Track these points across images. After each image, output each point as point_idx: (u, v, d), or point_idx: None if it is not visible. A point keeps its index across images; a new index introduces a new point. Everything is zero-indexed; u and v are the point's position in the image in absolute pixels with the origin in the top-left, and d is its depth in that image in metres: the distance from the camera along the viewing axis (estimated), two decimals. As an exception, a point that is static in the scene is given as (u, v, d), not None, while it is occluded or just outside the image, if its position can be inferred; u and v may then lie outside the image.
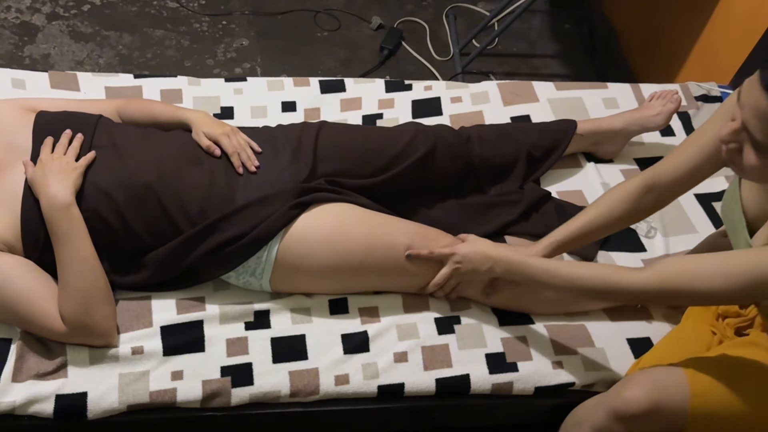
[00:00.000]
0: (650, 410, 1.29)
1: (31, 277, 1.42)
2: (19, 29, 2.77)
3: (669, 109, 1.94)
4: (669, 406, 1.30)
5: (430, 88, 2.11)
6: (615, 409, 1.32)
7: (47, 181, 1.44)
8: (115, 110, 1.70)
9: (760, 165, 1.15)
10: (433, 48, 3.02)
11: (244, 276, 1.55)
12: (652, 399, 1.29)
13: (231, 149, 1.59)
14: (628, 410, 1.30)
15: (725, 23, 2.42)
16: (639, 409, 1.29)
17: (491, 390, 1.54)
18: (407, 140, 1.72)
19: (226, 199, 1.53)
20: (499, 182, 1.84)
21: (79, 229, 1.44)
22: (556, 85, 2.15)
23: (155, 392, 1.44)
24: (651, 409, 1.29)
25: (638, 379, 1.35)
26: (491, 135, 1.84)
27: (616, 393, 1.35)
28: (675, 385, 1.31)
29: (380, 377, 1.52)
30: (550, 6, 3.30)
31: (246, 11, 3.02)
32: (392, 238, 1.56)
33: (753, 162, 1.15)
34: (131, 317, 1.51)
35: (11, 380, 1.40)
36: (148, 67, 2.72)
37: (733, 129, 1.16)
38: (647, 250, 1.80)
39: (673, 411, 1.30)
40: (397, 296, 1.62)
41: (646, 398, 1.30)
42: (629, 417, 1.30)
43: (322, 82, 2.09)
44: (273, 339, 1.53)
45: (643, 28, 2.91)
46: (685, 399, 1.30)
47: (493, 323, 1.61)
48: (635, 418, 1.30)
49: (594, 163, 1.96)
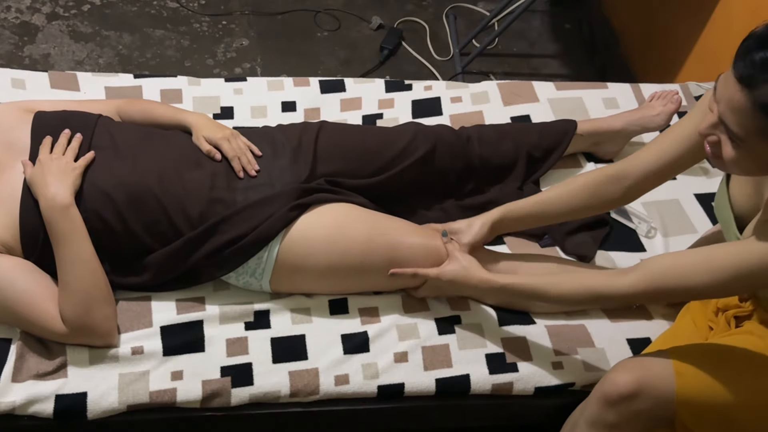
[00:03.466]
0: (636, 390, 1.31)
1: (31, 278, 1.42)
2: (19, 29, 2.77)
3: (669, 110, 1.94)
4: (655, 384, 1.32)
5: (430, 88, 2.11)
6: (604, 394, 1.34)
7: (46, 181, 1.44)
8: (115, 111, 1.70)
9: (737, 157, 1.17)
10: (433, 48, 3.02)
11: (244, 276, 1.55)
12: (638, 378, 1.32)
13: (231, 153, 1.59)
14: (616, 391, 1.32)
15: (725, 23, 2.42)
16: (626, 389, 1.31)
17: (491, 390, 1.54)
18: (407, 140, 1.72)
19: (226, 201, 1.53)
20: (499, 182, 1.84)
21: (78, 230, 1.43)
22: (556, 85, 2.15)
23: (155, 392, 1.44)
24: (637, 388, 1.31)
25: (624, 364, 1.38)
26: (491, 135, 1.84)
27: (604, 380, 1.38)
28: (660, 367, 1.34)
29: (380, 377, 1.52)
30: (550, 6, 3.29)
31: (246, 11, 3.02)
32: (392, 237, 1.56)
33: (731, 155, 1.17)
34: (131, 317, 1.51)
35: (11, 380, 1.40)
36: (148, 67, 2.72)
37: (710, 123, 1.18)
38: (647, 250, 1.80)
39: (659, 390, 1.32)
40: (397, 296, 1.62)
41: (632, 379, 1.32)
42: (618, 399, 1.32)
43: (322, 82, 2.09)
44: (273, 339, 1.53)
45: (643, 28, 2.91)
46: (669, 377, 1.32)
47: (493, 323, 1.61)
48: (624, 400, 1.32)
49: (594, 163, 1.96)
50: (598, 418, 1.36)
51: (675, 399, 1.32)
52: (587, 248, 1.75)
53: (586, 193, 1.53)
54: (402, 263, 1.54)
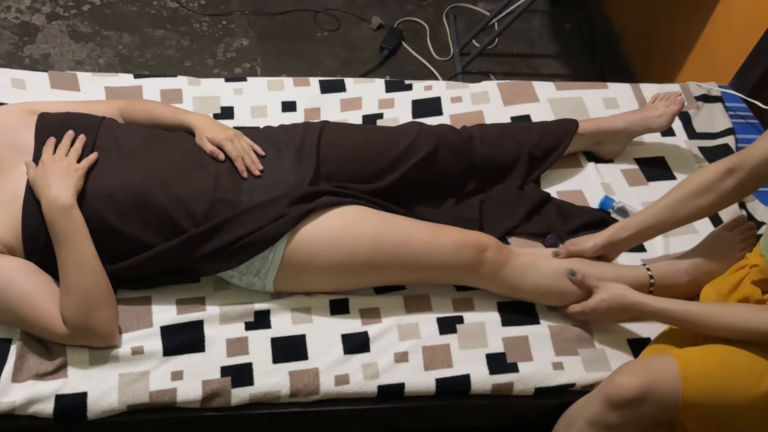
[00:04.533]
0: (642, 394, 1.31)
1: (32, 279, 1.42)
2: (19, 29, 2.77)
3: (672, 111, 1.94)
4: (660, 390, 1.32)
5: (430, 88, 2.11)
6: (608, 396, 1.34)
7: (48, 182, 1.43)
8: (117, 111, 1.69)
9: None
10: (433, 48, 3.02)
11: (247, 276, 1.55)
12: (644, 383, 1.31)
13: (235, 153, 1.59)
14: (621, 395, 1.32)
15: (725, 23, 2.43)
16: (632, 393, 1.31)
17: (491, 390, 1.54)
18: (410, 140, 1.72)
19: (232, 202, 1.53)
20: (500, 182, 1.84)
21: (80, 231, 1.43)
22: (556, 85, 2.15)
23: (155, 392, 1.44)
24: (643, 393, 1.31)
25: (629, 367, 1.38)
26: (492, 134, 1.84)
27: (608, 382, 1.37)
28: (665, 369, 1.33)
29: (380, 377, 1.52)
30: (550, 6, 3.30)
31: (246, 11, 3.02)
32: (400, 235, 1.55)
33: None
34: (131, 317, 1.51)
35: (11, 380, 1.40)
36: (148, 67, 2.72)
37: None
38: (647, 250, 1.80)
39: (664, 395, 1.32)
40: (398, 296, 1.62)
41: (638, 383, 1.32)
42: (623, 403, 1.32)
43: (322, 82, 2.09)
44: (273, 339, 1.53)
45: (643, 28, 2.91)
46: (676, 383, 1.32)
47: (495, 323, 1.61)
48: (629, 404, 1.32)
49: (594, 163, 1.96)
50: (598, 419, 1.36)
51: (680, 404, 1.31)
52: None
53: (705, 192, 1.53)
54: (411, 260, 1.55)
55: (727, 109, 2.17)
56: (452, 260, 1.56)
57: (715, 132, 2.11)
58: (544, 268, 1.61)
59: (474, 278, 1.61)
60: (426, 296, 1.63)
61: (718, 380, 1.32)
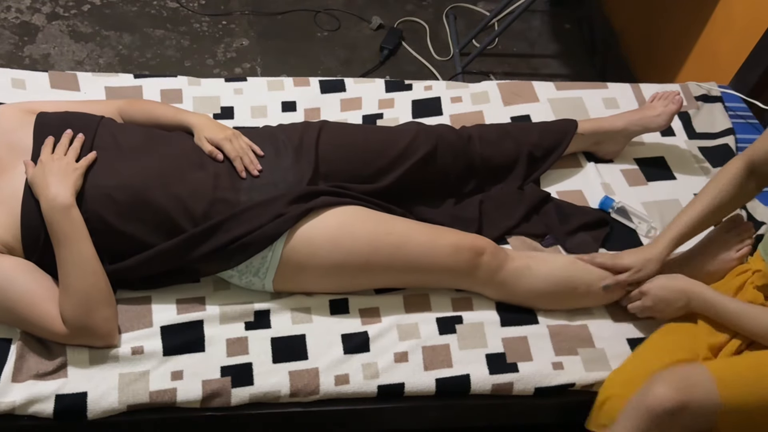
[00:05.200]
0: (681, 405, 1.31)
1: (32, 279, 1.42)
2: (19, 29, 2.77)
3: (671, 110, 1.94)
4: (698, 399, 1.32)
5: (430, 88, 2.11)
6: (649, 407, 1.34)
7: (47, 182, 1.43)
8: (116, 111, 1.69)
9: None
10: (433, 48, 3.02)
11: (247, 276, 1.55)
12: (681, 393, 1.32)
13: (233, 153, 1.59)
14: (662, 405, 1.32)
15: (725, 23, 2.43)
16: (671, 403, 1.31)
17: (491, 390, 1.54)
18: (409, 140, 1.72)
19: (230, 201, 1.53)
20: (500, 182, 1.84)
21: (79, 231, 1.43)
22: (556, 85, 2.15)
23: (155, 392, 1.44)
24: (682, 403, 1.31)
25: (663, 377, 1.37)
26: (492, 135, 1.84)
27: (645, 393, 1.36)
28: (701, 379, 1.34)
29: (380, 377, 1.52)
30: (550, 6, 3.30)
31: (246, 11, 3.02)
32: (398, 237, 1.56)
33: None
34: (131, 317, 1.51)
35: (11, 380, 1.40)
36: (148, 67, 2.73)
37: None
38: (647, 250, 1.80)
39: (702, 405, 1.32)
40: (398, 296, 1.62)
41: (676, 392, 1.32)
42: (663, 413, 1.32)
43: (322, 82, 2.09)
44: (273, 339, 1.53)
45: (643, 28, 2.91)
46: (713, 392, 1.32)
47: (494, 323, 1.61)
48: (669, 414, 1.32)
49: (594, 162, 1.96)
50: None
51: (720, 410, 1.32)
52: (588, 248, 1.75)
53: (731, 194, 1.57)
54: (408, 262, 1.55)
55: (727, 109, 2.17)
56: (449, 263, 1.56)
57: (715, 132, 2.11)
58: (539, 271, 1.61)
59: (470, 282, 1.61)
60: (425, 296, 1.63)
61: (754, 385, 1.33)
